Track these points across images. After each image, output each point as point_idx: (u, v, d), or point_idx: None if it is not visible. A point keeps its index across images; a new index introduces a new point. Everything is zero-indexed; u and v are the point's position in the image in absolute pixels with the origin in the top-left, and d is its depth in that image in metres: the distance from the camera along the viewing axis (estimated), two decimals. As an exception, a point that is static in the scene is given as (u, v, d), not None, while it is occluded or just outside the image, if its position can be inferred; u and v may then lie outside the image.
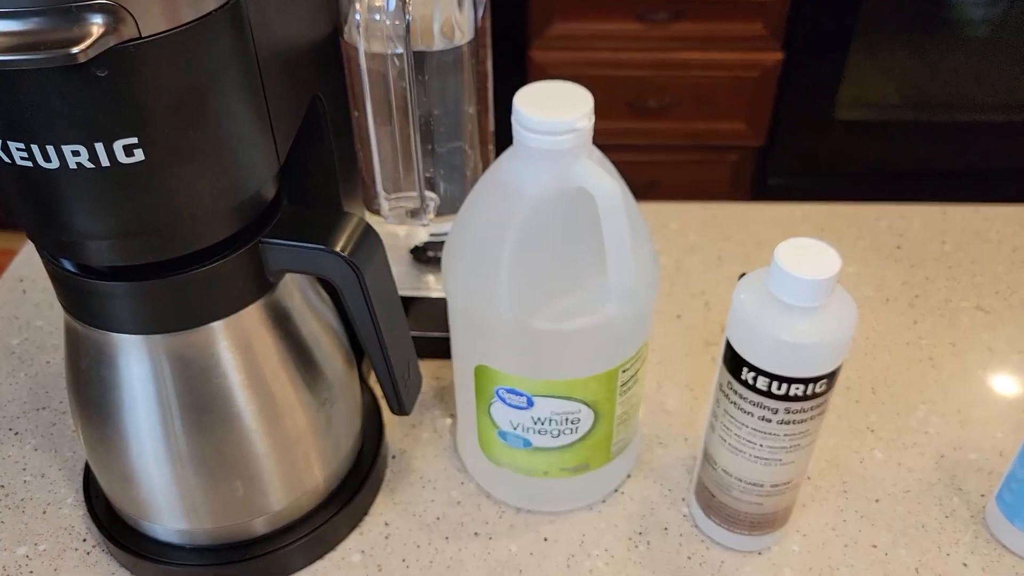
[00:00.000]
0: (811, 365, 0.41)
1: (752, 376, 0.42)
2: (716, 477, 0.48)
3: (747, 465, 0.46)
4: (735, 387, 0.43)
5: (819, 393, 0.42)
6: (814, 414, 0.43)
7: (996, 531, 0.51)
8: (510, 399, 0.47)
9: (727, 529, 0.50)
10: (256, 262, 0.41)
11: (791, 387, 0.42)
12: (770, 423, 0.43)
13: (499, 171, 0.44)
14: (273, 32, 0.38)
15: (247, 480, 0.47)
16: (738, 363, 0.43)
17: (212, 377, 0.43)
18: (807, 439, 0.45)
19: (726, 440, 0.46)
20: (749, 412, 0.43)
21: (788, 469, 0.46)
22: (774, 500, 0.47)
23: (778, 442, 0.44)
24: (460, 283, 0.46)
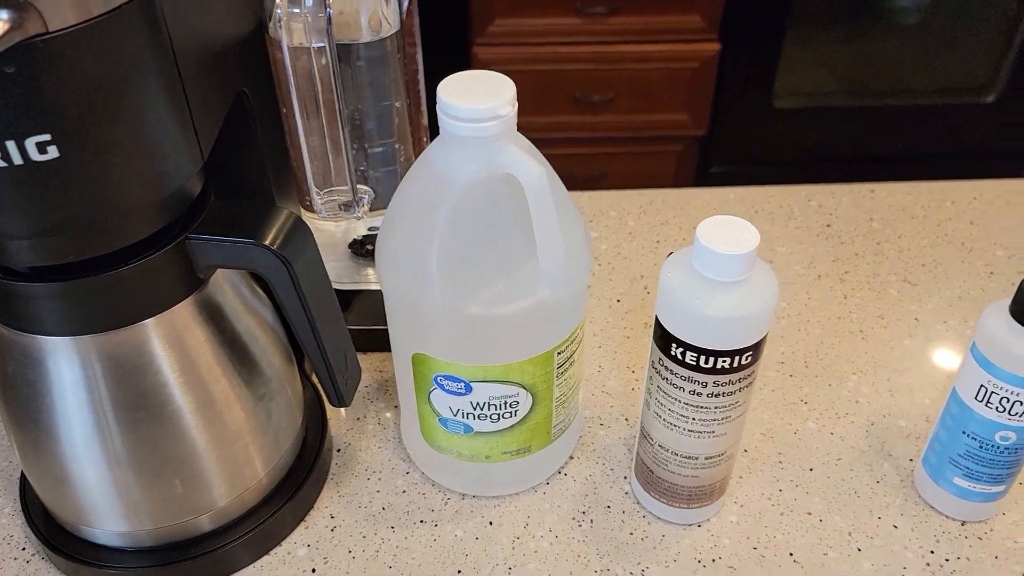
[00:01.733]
0: (736, 337, 0.42)
1: (680, 351, 0.43)
2: (653, 452, 0.49)
3: (681, 439, 0.47)
4: (666, 363, 0.45)
5: (745, 365, 0.43)
6: (742, 386, 0.45)
7: (923, 492, 0.53)
8: (448, 386, 0.48)
9: (666, 503, 0.51)
10: (184, 258, 0.41)
11: (718, 360, 0.43)
12: (700, 396, 0.44)
13: (427, 160, 0.44)
14: (190, 26, 0.38)
15: (186, 478, 0.46)
16: (667, 339, 0.44)
17: (145, 376, 0.43)
18: (738, 411, 0.46)
19: (661, 416, 0.47)
20: (680, 387, 0.45)
21: (721, 441, 0.47)
22: (710, 472, 0.49)
23: (709, 415, 0.45)
24: (393, 273, 0.46)
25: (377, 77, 0.52)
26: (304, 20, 0.43)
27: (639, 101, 1.74)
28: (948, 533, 0.51)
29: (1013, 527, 0.52)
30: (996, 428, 0.47)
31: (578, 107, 1.75)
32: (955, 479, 0.50)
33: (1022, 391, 0.45)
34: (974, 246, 0.72)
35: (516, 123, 0.42)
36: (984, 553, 0.50)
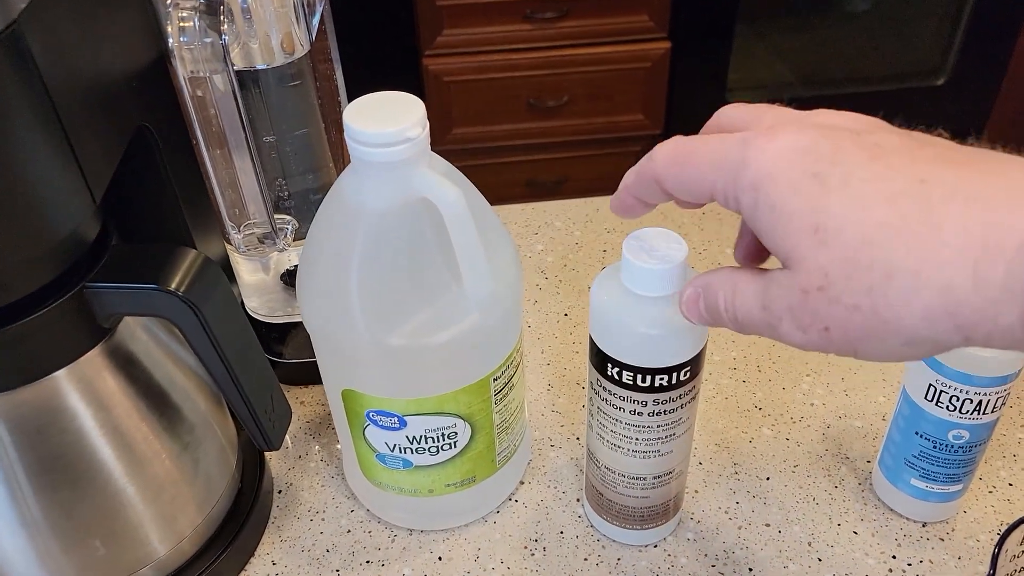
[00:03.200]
0: (673, 353, 0.41)
1: (616, 371, 0.42)
2: (601, 475, 0.47)
3: (626, 460, 0.45)
4: (603, 384, 0.43)
5: (685, 380, 0.42)
6: (684, 402, 0.43)
7: (882, 495, 0.52)
8: (382, 421, 0.46)
9: (619, 526, 0.49)
10: (84, 308, 0.39)
11: (655, 378, 0.41)
12: (641, 416, 0.43)
13: (339, 189, 0.42)
14: (69, 62, 0.36)
15: (113, 537, 0.44)
16: (603, 359, 0.42)
17: (55, 434, 0.41)
18: (682, 427, 0.44)
19: (604, 437, 0.45)
20: (620, 407, 0.43)
21: (668, 459, 0.45)
22: (659, 491, 0.47)
23: (652, 434, 0.44)
24: (314, 308, 0.44)
25: (291, 102, 0.50)
26: (201, 49, 0.41)
27: (594, 104, 1.73)
28: (909, 536, 0.50)
29: (975, 525, 0.50)
30: (948, 427, 0.45)
31: (533, 113, 1.74)
32: (912, 480, 0.49)
33: (971, 388, 0.43)
34: (924, 235, 0.71)
35: (429, 144, 0.41)
36: (947, 555, 0.49)
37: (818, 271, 0.27)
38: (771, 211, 0.28)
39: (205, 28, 0.40)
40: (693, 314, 0.34)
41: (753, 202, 0.29)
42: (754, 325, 0.31)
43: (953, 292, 0.25)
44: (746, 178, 0.29)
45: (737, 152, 0.29)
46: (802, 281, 0.27)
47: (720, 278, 0.32)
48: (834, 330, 0.27)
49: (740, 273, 0.32)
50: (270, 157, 0.50)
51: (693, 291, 0.34)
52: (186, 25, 0.40)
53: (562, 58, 1.66)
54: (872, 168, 0.27)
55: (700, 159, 0.30)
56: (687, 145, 0.31)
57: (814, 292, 0.27)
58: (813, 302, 0.27)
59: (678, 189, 0.32)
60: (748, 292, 0.30)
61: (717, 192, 0.30)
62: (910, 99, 1.79)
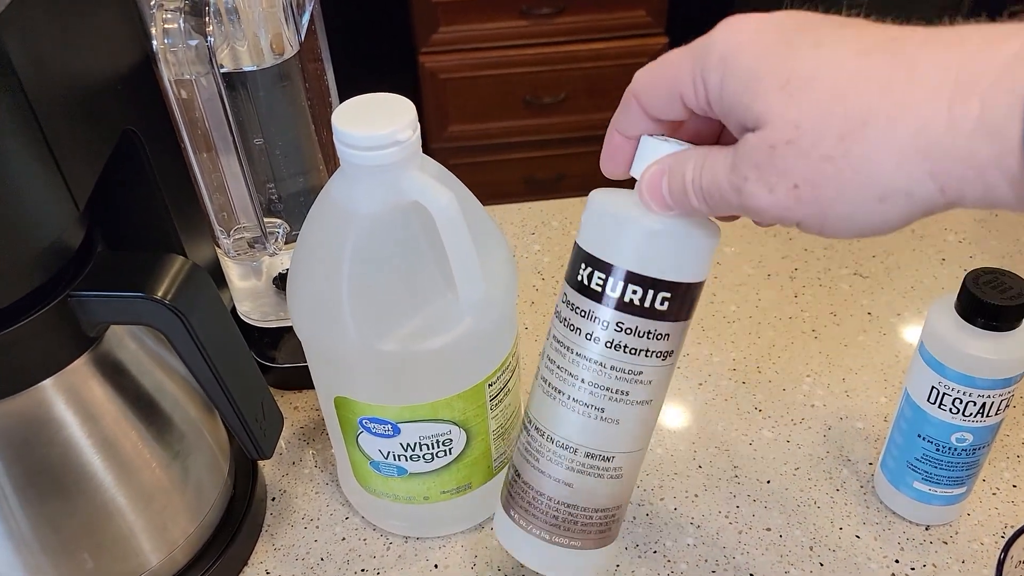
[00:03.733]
0: (658, 263, 0.33)
1: (588, 273, 0.34)
2: (525, 441, 0.38)
3: (561, 412, 0.36)
4: (568, 298, 0.36)
5: (660, 312, 0.34)
6: (651, 347, 0.34)
7: (884, 498, 0.51)
8: (375, 428, 0.45)
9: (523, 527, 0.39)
10: (69, 317, 0.38)
11: (629, 288, 0.33)
12: (598, 344, 0.34)
13: (329, 193, 0.41)
14: (49, 66, 0.35)
15: (104, 548, 0.43)
16: (577, 261, 0.35)
17: (42, 445, 0.40)
18: (639, 390, 0.35)
19: (546, 379, 0.37)
20: (577, 328, 0.35)
21: (611, 431, 0.36)
22: (587, 483, 0.37)
23: (603, 379, 0.35)
24: (305, 315, 0.43)
25: (281, 104, 0.49)
26: (186, 51, 0.40)
27: (591, 100, 1.72)
28: (912, 540, 0.49)
29: (978, 528, 0.50)
30: (951, 430, 0.45)
31: (531, 110, 1.73)
32: (915, 483, 0.48)
33: (974, 391, 0.43)
34: (924, 232, 0.71)
35: (420, 146, 0.40)
36: (951, 558, 0.48)
37: (788, 124, 0.26)
38: (737, 77, 0.27)
39: (190, 30, 0.39)
40: (654, 195, 0.32)
41: (720, 76, 0.28)
42: (719, 191, 0.29)
43: (927, 132, 0.24)
44: (714, 54, 0.28)
45: (703, 39, 0.29)
46: (771, 136, 0.27)
47: (690, 153, 0.31)
48: (803, 187, 0.26)
49: (710, 148, 0.31)
50: (260, 160, 0.50)
51: (658, 168, 0.32)
52: (170, 27, 0.39)
53: (559, 54, 1.66)
54: (843, 32, 0.26)
55: (669, 60, 0.30)
56: (661, 58, 0.31)
57: (782, 146, 0.26)
58: (782, 156, 0.26)
59: (654, 99, 0.31)
60: (718, 159, 0.29)
61: (687, 88, 0.29)
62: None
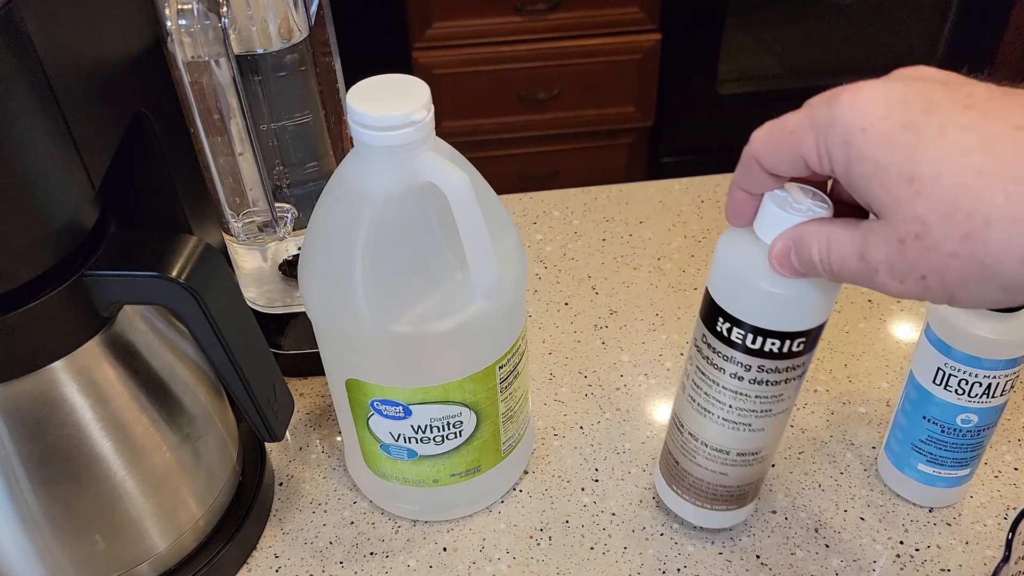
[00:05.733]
0: (790, 319, 0.38)
1: (727, 327, 0.39)
2: (682, 440, 0.46)
3: (714, 428, 0.43)
4: (709, 340, 0.41)
5: (796, 352, 0.39)
6: (789, 376, 0.40)
7: (888, 481, 0.52)
8: (386, 410, 0.45)
9: (688, 500, 0.48)
10: (84, 297, 0.38)
11: (767, 341, 0.39)
12: (742, 381, 0.41)
13: (342, 175, 0.41)
14: (67, 45, 0.35)
15: (112, 531, 0.43)
16: (715, 312, 0.40)
17: (53, 427, 0.40)
18: (780, 405, 0.42)
19: (695, 400, 0.43)
20: (721, 368, 0.41)
21: (757, 437, 0.43)
22: (740, 471, 0.45)
23: (748, 404, 0.41)
24: (317, 297, 0.43)
25: (290, 89, 0.49)
26: (200, 32, 0.40)
27: (585, 96, 1.72)
28: (916, 521, 0.50)
29: (981, 510, 0.50)
30: (957, 411, 0.45)
31: (524, 106, 1.73)
32: (919, 465, 0.49)
33: (980, 372, 0.43)
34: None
35: (434, 128, 0.40)
36: (955, 539, 0.49)
37: (915, 220, 0.27)
38: (863, 164, 0.28)
39: (204, 11, 0.39)
40: (785, 267, 0.35)
41: (846, 157, 0.29)
42: (851, 275, 0.31)
43: None
44: (837, 133, 0.29)
45: (825, 111, 0.29)
46: (899, 231, 0.28)
47: (813, 229, 0.33)
48: (931, 278, 0.28)
49: (833, 224, 0.32)
50: (269, 145, 0.50)
51: (784, 244, 0.34)
52: (185, 8, 0.39)
53: (553, 50, 1.66)
54: (966, 116, 0.27)
55: (790, 126, 0.31)
56: (778, 120, 0.32)
57: (911, 241, 0.27)
58: (910, 251, 0.28)
59: (776, 162, 0.32)
60: (844, 242, 0.31)
61: (810, 154, 0.30)
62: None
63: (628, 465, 0.54)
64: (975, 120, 0.26)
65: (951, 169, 0.26)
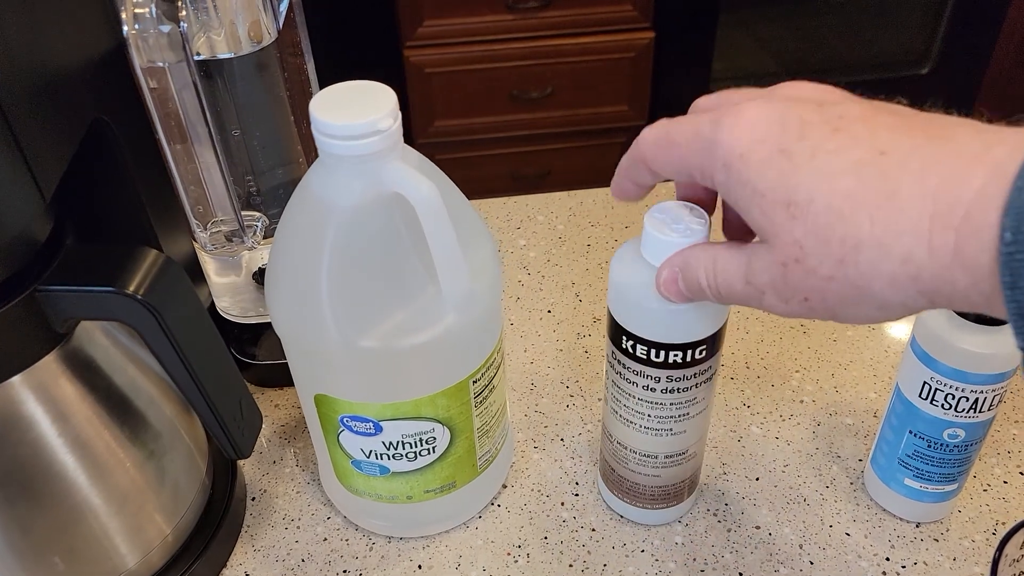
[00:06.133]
0: (687, 331, 0.39)
1: (631, 344, 0.40)
2: (613, 450, 0.47)
3: (639, 436, 0.45)
4: (618, 357, 0.42)
5: (700, 359, 0.40)
6: (699, 381, 0.42)
7: (874, 495, 0.50)
8: (356, 427, 0.44)
9: (630, 503, 0.49)
10: (37, 312, 0.37)
11: (670, 354, 0.40)
12: (655, 392, 0.42)
13: (307, 185, 0.40)
14: (14, 53, 0.33)
15: (74, 552, 0.42)
16: (618, 332, 0.41)
17: (10, 446, 0.39)
18: (696, 407, 0.43)
19: (617, 412, 0.45)
20: (633, 382, 0.42)
21: (681, 439, 0.45)
22: (671, 471, 0.46)
23: (665, 411, 0.43)
24: (284, 311, 0.42)
25: (258, 93, 0.48)
26: (158, 37, 0.39)
27: (578, 95, 1.71)
28: (903, 537, 0.49)
29: (969, 525, 0.49)
30: (944, 426, 0.44)
31: (517, 105, 1.72)
32: (906, 480, 0.47)
33: (967, 386, 0.42)
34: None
35: (402, 136, 0.39)
36: (942, 555, 0.48)
37: (793, 244, 0.28)
38: (744, 187, 0.29)
39: (162, 16, 0.38)
40: (672, 293, 0.36)
41: (726, 180, 0.30)
42: (738, 298, 0.32)
43: (913, 260, 0.25)
44: (718, 158, 0.30)
45: (708, 132, 0.30)
46: (780, 255, 0.29)
47: (698, 255, 0.34)
48: (813, 299, 0.29)
49: (718, 249, 0.33)
50: (238, 152, 0.48)
51: (670, 271, 0.35)
52: (140, 12, 0.38)
53: (545, 48, 1.64)
54: (836, 140, 0.27)
55: (678, 140, 0.32)
56: (667, 127, 0.33)
57: (792, 264, 0.28)
58: (792, 274, 0.29)
59: (664, 170, 0.33)
60: (730, 268, 0.32)
61: (695, 172, 0.31)
62: (895, 88, 1.77)
63: (609, 479, 0.52)
64: (844, 143, 0.27)
65: (822, 193, 0.27)
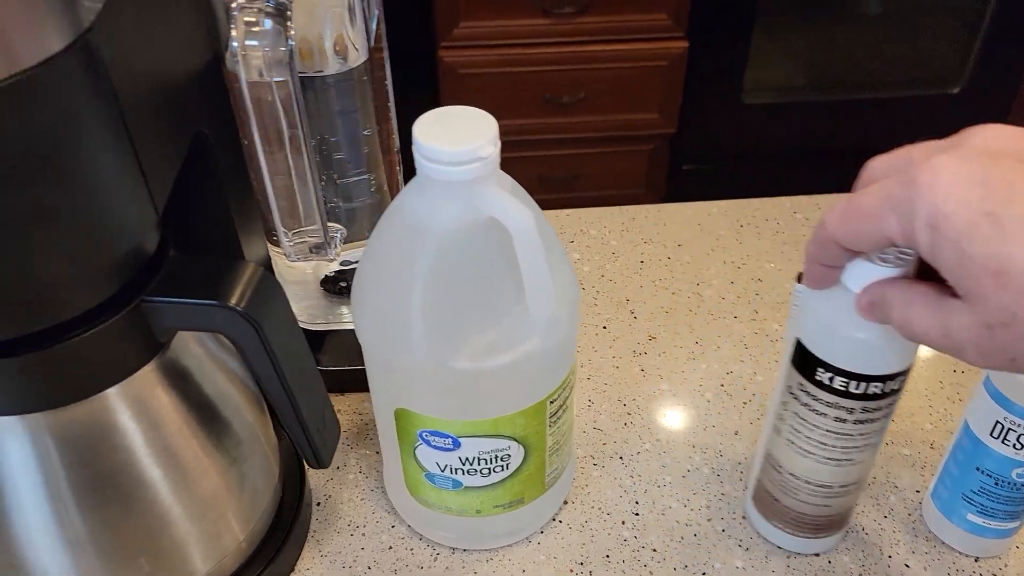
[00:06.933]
0: (890, 361, 0.39)
1: (828, 377, 0.40)
2: (782, 481, 0.47)
3: (817, 467, 0.44)
4: (807, 388, 0.42)
5: (895, 390, 0.41)
6: (889, 412, 0.42)
7: (934, 527, 0.51)
8: (435, 441, 0.44)
9: (790, 532, 0.49)
10: (141, 324, 0.37)
11: (870, 386, 0.40)
12: (845, 423, 0.42)
13: (404, 204, 0.41)
14: (137, 69, 0.34)
15: (156, 556, 0.43)
16: (812, 363, 0.41)
17: (105, 452, 0.39)
18: (880, 436, 0.43)
19: (795, 443, 0.44)
20: (824, 413, 0.42)
21: (859, 468, 0.45)
22: (841, 500, 0.46)
23: (851, 442, 0.43)
24: (371, 326, 0.43)
25: (346, 107, 0.48)
26: (263, 52, 0.40)
27: (609, 101, 1.71)
28: (962, 571, 0.49)
29: (1027, 560, 0.50)
30: (1013, 465, 0.44)
31: (548, 109, 1.72)
32: (968, 515, 0.48)
33: (1040, 427, 0.43)
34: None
35: (499, 162, 0.39)
36: (999, 590, 0.48)
37: (1003, 311, 0.28)
38: (949, 250, 0.29)
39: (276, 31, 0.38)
40: (871, 318, 0.36)
41: (931, 241, 0.29)
42: (932, 345, 0.32)
43: None
44: (920, 218, 0.29)
45: (903, 193, 0.30)
46: (987, 319, 0.29)
47: (894, 293, 0.34)
48: (1020, 360, 0.29)
49: (915, 290, 0.33)
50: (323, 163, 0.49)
51: (868, 301, 0.36)
52: (253, 28, 0.38)
53: (579, 54, 1.65)
54: None
55: (867, 209, 0.31)
56: (852, 201, 0.32)
57: (999, 328, 0.29)
58: (999, 337, 0.29)
59: (855, 243, 0.33)
60: (924, 315, 0.32)
61: (894, 235, 0.31)
62: (925, 107, 1.78)
63: (669, 499, 0.53)
64: None
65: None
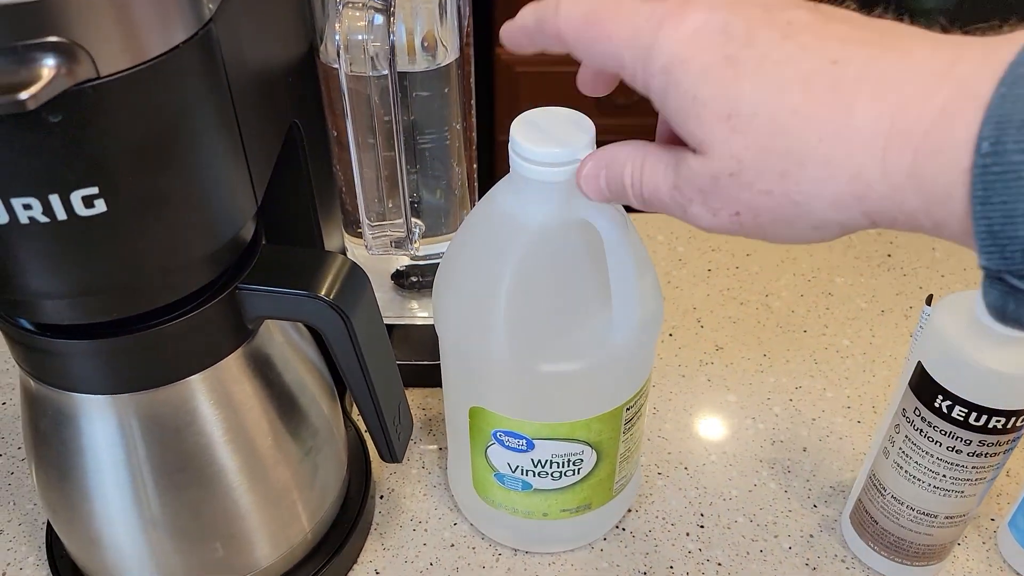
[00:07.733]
0: (1016, 397, 0.38)
1: (948, 405, 0.40)
2: (883, 504, 0.46)
3: (924, 495, 0.44)
4: (924, 414, 0.41)
5: (1018, 427, 0.40)
6: (1009, 448, 0.41)
7: (1009, 557, 0.50)
8: (509, 442, 0.44)
9: (887, 557, 0.48)
10: (233, 310, 0.38)
11: (992, 419, 0.39)
12: (960, 454, 0.41)
13: (495, 202, 0.41)
14: (246, 59, 0.34)
15: (228, 540, 0.43)
16: (933, 390, 0.40)
17: (187, 436, 0.40)
18: (995, 471, 0.42)
19: (903, 467, 0.44)
20: (938, 441, 0.41)
21: (967, 501, 0.44)
22: (945, 532, 0.45)
23: (963, 474, 0.42)
24: (453, 323, 0.43)
25: (433, 103, 0.48)
26: (363, 46, 0.40)
27: (665, 105, 1.70)
28: (1039, 604, 0.48)
29: (1108, 598, 0.48)
30: (1102, 499, 0.43)
31: (602, 109, 1.71)
32: (1049, 548, 0.47)
33: None
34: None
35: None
36: (1077, 626, 0.47)
37: (731, 158, 0.26)
38: (683, 95, 0.27)
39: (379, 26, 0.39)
40: (592, 190, 0.33)
41: (663, 86, 0.27)
42: (661, 203, 0.30)
43: (862, 179, 0.24)
44: (657, 62, 0.27)
45: (649, 33, 0.28)
46: (714, 167, 0.27)
47: (627, 151, 0.31)
48: (744, 214, 0.27)
49: (649, 147, 0.31)
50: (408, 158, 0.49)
51: (595, 164, 0.33)
52: (358, 23, 0.38)
53: (637, 56, 1.64)
54: (784, 48, 0.26)
55: (611, 31, 0.29)
56: (599, 12, 0.29)
57: (725, 178, 0.27)
58: (724, 187, 0.27)
59: (583, 56, 0.30)
60: (658, 168, 0.30)
61: (625, 71, 0.29)
62: None
63: (734, 514, 0.52)
64: (793, 53, 0.25)
65: (768, 106, 0.25)
